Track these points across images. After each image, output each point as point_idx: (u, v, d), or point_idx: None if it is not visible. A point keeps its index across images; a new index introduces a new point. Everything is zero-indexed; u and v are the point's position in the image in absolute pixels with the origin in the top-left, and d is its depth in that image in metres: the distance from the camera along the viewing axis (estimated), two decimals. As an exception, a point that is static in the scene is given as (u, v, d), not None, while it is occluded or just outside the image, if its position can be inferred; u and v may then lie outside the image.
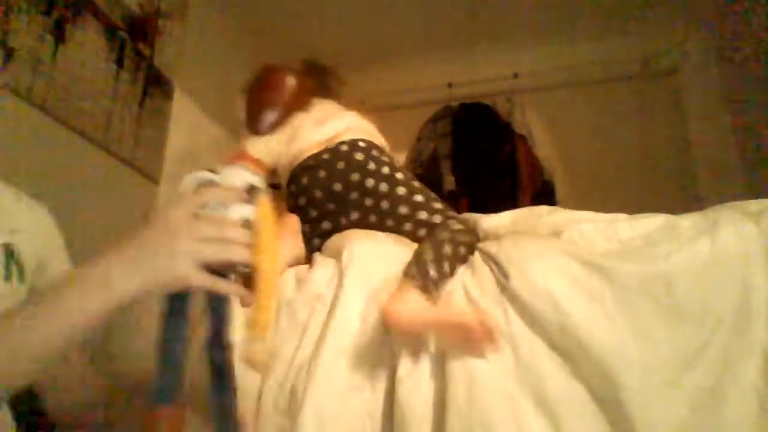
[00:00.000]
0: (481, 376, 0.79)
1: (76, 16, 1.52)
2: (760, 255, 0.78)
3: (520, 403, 0.78)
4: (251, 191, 0.57)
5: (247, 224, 0.55)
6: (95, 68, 1.60)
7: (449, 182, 2.62)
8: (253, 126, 0.61)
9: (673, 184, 2.43)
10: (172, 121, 2.02)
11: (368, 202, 1.20)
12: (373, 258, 1.03)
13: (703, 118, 2.52)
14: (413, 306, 0.85)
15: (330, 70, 1.71)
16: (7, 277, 0.67)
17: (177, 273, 0.52)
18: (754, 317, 0.75)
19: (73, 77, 1.50)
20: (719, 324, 0.76)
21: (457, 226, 1.08)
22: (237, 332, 0.67)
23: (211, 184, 0.57)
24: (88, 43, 1.56)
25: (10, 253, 0.69)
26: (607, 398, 0.76)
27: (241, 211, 0.55)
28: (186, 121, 2.13)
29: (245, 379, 0.83)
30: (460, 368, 0.80)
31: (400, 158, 2.71)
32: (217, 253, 0.53)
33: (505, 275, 0.90)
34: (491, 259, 0.96)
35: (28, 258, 0.72)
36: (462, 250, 1.00)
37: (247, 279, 0.57)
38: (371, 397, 0.85)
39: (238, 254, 0.54)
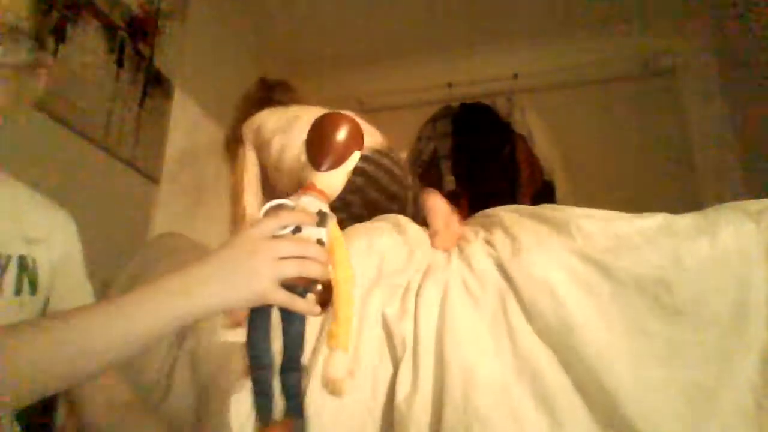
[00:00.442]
0: (477, 372, 0.80)
1: (76, 16, 1.52)
2: (759, 254, 0.78)
3: (518, 396, 0.79)
4: (322, 216, 0.62)
5: (321, 244, 0.60)
6: (95, 68, 1.60)
7: (449, 182, 2.63)
8: (317, 165, 0.68)
9: (673, 184, 2.43)
10: (172, 121, 2.02)
11: (395, 207, 1.27)
12: (367, 256, 1.03)
13: (703, 118, 2.52)
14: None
15: (286, 84, 1.86)
16: (18, 291, 0.67)
17: (256, 289, 0.53)
18: (752, 316, 0.76)
19: (73, 77, 1.50)
20: (715, 322, 0.77)
21: None
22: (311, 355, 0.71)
23: (285, 208, 0.62)
24: (88, 43, 1.57)
25: (24, 267, 0.68)
26: (603, 391, 0.77)
27: (315, 232, 0.60)
28: (186, 121, 2.14)
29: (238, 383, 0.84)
30: (457, 364, 0.81)
31: (400, 158, 2.71)
32: (295, 270, 0.55)
33: (505, 268, 0.91)
34: (492, 252, 0.97)
35: (44, 268, 0.72)
36: None
37: (321, 298, 0.61)
38: (371, 396, 0.85)
39: (315, 270, 0.57)
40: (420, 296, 0.92)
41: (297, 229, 0.60)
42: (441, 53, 2.88)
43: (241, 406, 0.81)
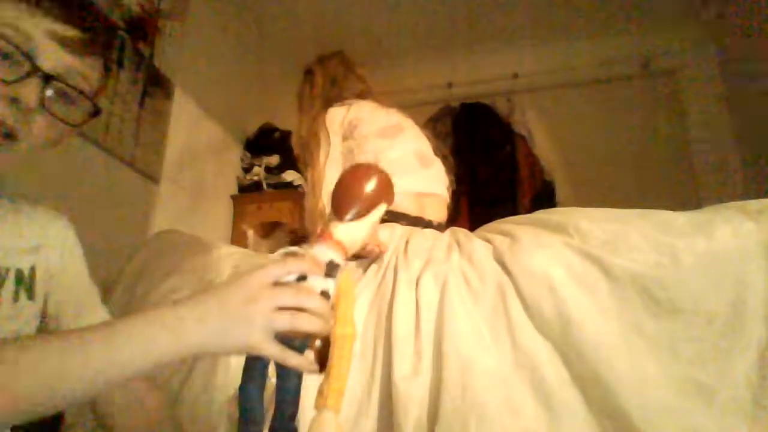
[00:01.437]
0: (476, 363, 0.81)
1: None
2: (758, 254, 0.78)
3: (516, 388, 0.79)
4: (332, 267, 0.59)
5: (325, 296, 0.57)
6: (95, 68, 1.60)
7: (449, 182, 2.63)
8: (340, 214, 0.65)
9: (673, 184, 2.43)
10: (172, 121, 2.02)
11: None
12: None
13: (703, 118, 2.52)
14: None
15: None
16: (16, 299, 0.69)
17: (247, 339, 0.52)
18: (749, 314, 0.76)
19: (73, 77, 1.50)
20: (712, 320, 0.77)
21: None
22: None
23: (295, 255, 0.59)
24: (88, 43, 1.56)
25: (20, 278, 0.70)
26: (601, 385, 0.77)
27: (320, 283, 0.57)
28: (186, 121, 2.14)
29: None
30: (454, 355, 0.82)
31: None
32: (287, 323, 0.52)
33: (504, 263, 0.91)
34: (491, 248, 0.98)
35: (41, 276, 0.73)
36: None
37: (322, 356, 0.57)
38: (370, 386, 0.86)
39: (309, 324, 0.53)
40: (419, 288, 0.93)
41: (302, 278, 0.57)
42: (441, 53, 2.88)
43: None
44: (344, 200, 0.65)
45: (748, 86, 2.32)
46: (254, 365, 0.58)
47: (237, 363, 0.95)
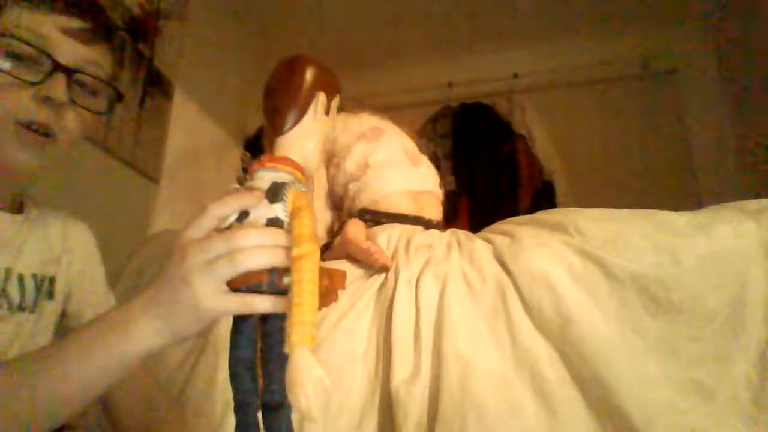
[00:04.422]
0: (475, 362, 0.81)
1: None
2: (758, 254, 0.79)
3: (516, 387, 0.80)
4: (276, 189, 0.49)
5: (276, 223, 0.48)
6: (95, 68, 1.60)
7: (449, 182, 2.62)
8: (276, 128, 0.55)
9: (673, 184, 2.43)
10: (172, 121, 2.02)
11: None
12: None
13: (703, 118, 2.52)
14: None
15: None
16: (37, 302, 0.70)
17: (195, 304, 0.44)
18: (748, 314, 0.76)
19: (73, 77, 1.49)
20: (712, 319, 0.77)
21: None
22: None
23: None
24: (88, 43, 1.56)
25: (48, 284, 0.72)
26: (600, 384, 0.78)
27: (266, 211, 0.48)
28: (186, 121, 2.14)
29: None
30: (454, 354, 0.82)
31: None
32: (228, 268, 0.44)
33: (505, 263, 0.91)
34: (491, 248, 0.98)
35: (63, 280, 0.75)
36: None
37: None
38: (374, 387, 0.87)
39: (254, 260, 0.44)
40: (419, 287, 0.93)
41: (245, 215, 0.48)
42: (441, 53, 2.88)
43: None
44: (273, 112, 0.54)
45: (748, 86, 2.32)
46: (237, 331, 0.48)
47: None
